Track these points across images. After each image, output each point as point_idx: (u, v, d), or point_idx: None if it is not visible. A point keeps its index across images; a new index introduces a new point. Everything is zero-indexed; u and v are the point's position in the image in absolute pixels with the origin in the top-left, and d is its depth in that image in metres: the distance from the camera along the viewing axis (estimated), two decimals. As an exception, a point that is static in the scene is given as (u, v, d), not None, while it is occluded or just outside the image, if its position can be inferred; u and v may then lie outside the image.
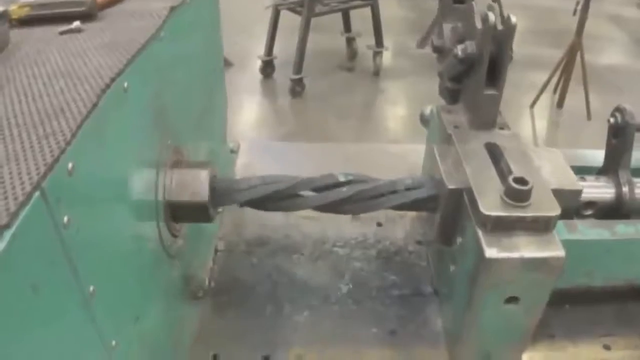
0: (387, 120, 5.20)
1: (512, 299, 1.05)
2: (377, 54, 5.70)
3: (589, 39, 5.28)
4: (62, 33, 1.05)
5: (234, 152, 1.84)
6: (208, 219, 1.18)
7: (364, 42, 5.79)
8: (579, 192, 1.18)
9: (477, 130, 1.22)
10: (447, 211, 1.14)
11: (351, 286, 1.36)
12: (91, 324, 0.76)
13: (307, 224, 1.52)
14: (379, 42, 5.67)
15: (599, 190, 1.30)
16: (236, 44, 5.47)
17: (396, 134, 4.85)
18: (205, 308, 1.31)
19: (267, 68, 5.51)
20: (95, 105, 0.76)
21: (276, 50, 5.48)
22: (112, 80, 0.82)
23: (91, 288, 0.75)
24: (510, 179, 1.02)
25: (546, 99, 5.38)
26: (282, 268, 1.40)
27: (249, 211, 1.23)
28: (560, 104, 5.40)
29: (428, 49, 5.53)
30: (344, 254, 1.42)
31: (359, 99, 5.43)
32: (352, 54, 6.00)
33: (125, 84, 0.86)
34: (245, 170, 1.72)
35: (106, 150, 0.79)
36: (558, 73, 5.30)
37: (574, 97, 5.24)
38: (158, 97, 1.04)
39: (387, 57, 5.93)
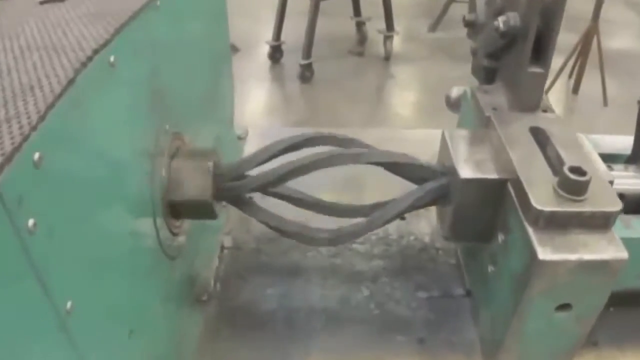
0: (398, 106, 5.04)
1: (564, 306, 0.92)
2: (388, 38, 5.54)
3: (605, 23, 5.12)
4: (42, 3, 0.91)
5: (241, 139, 1.71)
6: (212, 214, 1.05)
7: (374, 26, 5.63)
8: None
9: (519, 112, 1.07)
10: (465, 203, 1.01)
11: (373, 288, 1.22)
12: (70, 349, 0.62)
13: (322, 217, 1.38)
14: (390, 26, 5.50)
15: (629, 180, 1.16)
16: (243, 29, 5.32)
17: (407, 119, 4.69)
18: (211, 313, 1.17)
19: (276, 53, 5.36)
20: (71, 81, 0.62)
21: (284, 35, 5.32)
22: (95, 52, 0.68)
23: (68, 304, 0.61)
24: (565, 168, 0.88)
25: (561, 85, 5.21)
26: (295, 267, 1.26)
27: (259, 204, 1.09)
28: (575, 89, 5.23)
29: (439, 34, 5.40)
30: (364, 252, 1.28)
31: (369, 84, 5.25)
32: (362, 39, 5.84)
33: (112, 58, 0.72)
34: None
35: (87, 135, 0.65)
36: (573, 58, 5.14)
37: (590, 83, 5.08)
38: (155, 75, 0.90)
39: (397, 42, 5.77)
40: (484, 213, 1.01)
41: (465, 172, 0.99)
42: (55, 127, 0.57)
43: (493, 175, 0.98)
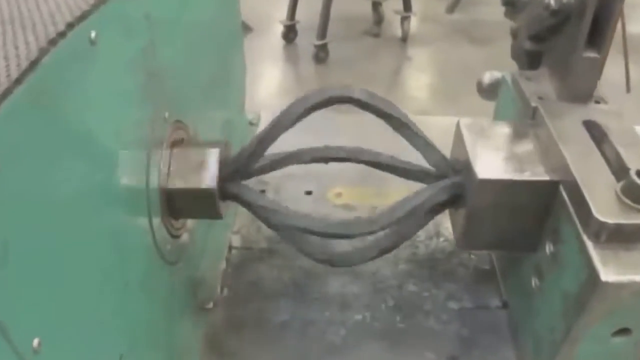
0: (415, 89, 4.89)
1: (622, 330, 0.79)
2: (405, 19, 5.37)
3: (629, 7, 4.93)
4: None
5: (253, 124, 1.57)
6: (216, 213, 0.92)
7: (391, 6, 5.47)
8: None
9: (570, 103, 0.93)
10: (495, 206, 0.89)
11: (398, 297, 1.09)
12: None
13: (340, 214, 1.26)
14: (407, 6, 5.33)
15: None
16: (256, 8, 5.17)
17: (423, 103, 4.54)
18: (216, 323, 1.05)
19: (290, 33, 5.21)
20: (35, 62, 0.49)
21: (299, 14, 5.17)
22: (70, 26, 0.55)
23: (35, 342, 0.49)
24: (632, 172, 0.74)
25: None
26: (311, 272, 1.13)
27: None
28: (598, 74, 5.06)
29: (457, 15, 5.25)
30: (388, 255, 1.15)
31: (385, 66, 5.08)
32: (379, 19, 5.67)
33: (93, 34, 0.59)
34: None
35: (58, 125, 0.53)
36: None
37: (612, 68, 4.90)
38: (150, 55, 0.77)
39: (414, 23, 5.61)
40: (523, 218, 0.89)
41: (490, 171, 0.87)
42: (12, 118, 0.44)
43: (543, 177, 0.84)
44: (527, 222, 0.89)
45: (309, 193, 1.32)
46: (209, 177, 0.89)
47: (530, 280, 0.92)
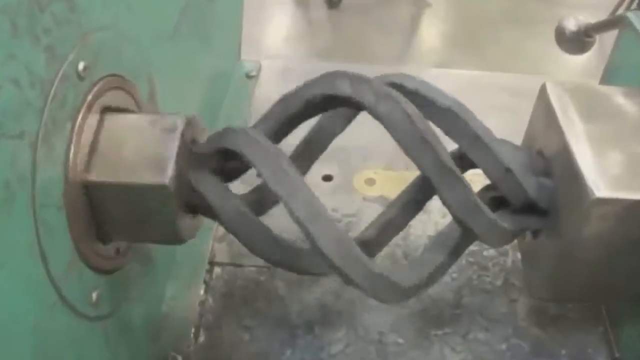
0: (434, 39, 4.68)
1: None
2: (425, -40, 5.08)
3: None
4: None
5: (251, 76, 1.21)
6: (174, 233, 0.55)
7: (410, -53, 5.20)
8: None
9: None
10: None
11: (461, 347, 0.73)
12: None
13: (375, 211, 0.89)
14: (428, -53, 5.03)
15: None
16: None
17: (444, 55, 4.28)
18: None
19: (301, -26, 4.93)
20: None
21: (312, -48, 4.94)
22: None
23: None
24: None
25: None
26: (326, 305, 0.76)
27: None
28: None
29: (481, -41, 4.83)
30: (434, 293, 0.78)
31: (403, 12, 4.82)
32: (397, -40, 5.37)
33: None
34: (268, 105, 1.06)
35: None
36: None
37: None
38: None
39: (435, -34, 5.35)
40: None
41: (613, 185, 0.56)
42: None
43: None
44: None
45: (327, 178, 0.95)
46: (160, 167, 0.52)
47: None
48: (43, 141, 0.44)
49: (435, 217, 0.85)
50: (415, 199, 0.62)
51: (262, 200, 0.63)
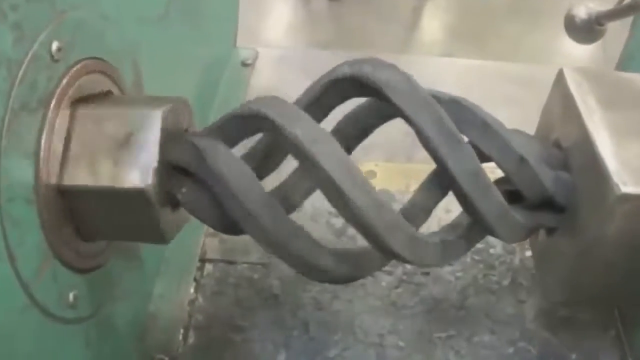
0: (437, 31, 4.60)
1: None
2: (428, -49, 5.02)
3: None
4: None
5: (247, 65, 1.19)
6: (158, 233, 0.51)
7: (413, -63, 5.15)
8: None
9: None
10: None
11: (467, 350, 0.69)
12: None
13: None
14: (431, -63, 4.97)
15: None
16: None
17: (446, 47, 4.16)
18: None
19: (301, -37, 4.88)
20: None
21: (313, -59, 4.90)
22: None
23: None
24: None
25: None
26: (333, 304, 0.72)
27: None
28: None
29: (484, -51, 4.81)
30: (451, 278, 0.74)
31: (405, 3, 4.72)
32: (399, -49, 5.32)
33: None
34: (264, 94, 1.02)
35: None
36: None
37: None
38: None
39: (439, -44, 5.30)
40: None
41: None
42: None
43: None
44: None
45: (324, 172, 0.90)
46: (140, 168, 0.47)
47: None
48: (9, 128, 0.40)
49: (439, 212, 0.81)
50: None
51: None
